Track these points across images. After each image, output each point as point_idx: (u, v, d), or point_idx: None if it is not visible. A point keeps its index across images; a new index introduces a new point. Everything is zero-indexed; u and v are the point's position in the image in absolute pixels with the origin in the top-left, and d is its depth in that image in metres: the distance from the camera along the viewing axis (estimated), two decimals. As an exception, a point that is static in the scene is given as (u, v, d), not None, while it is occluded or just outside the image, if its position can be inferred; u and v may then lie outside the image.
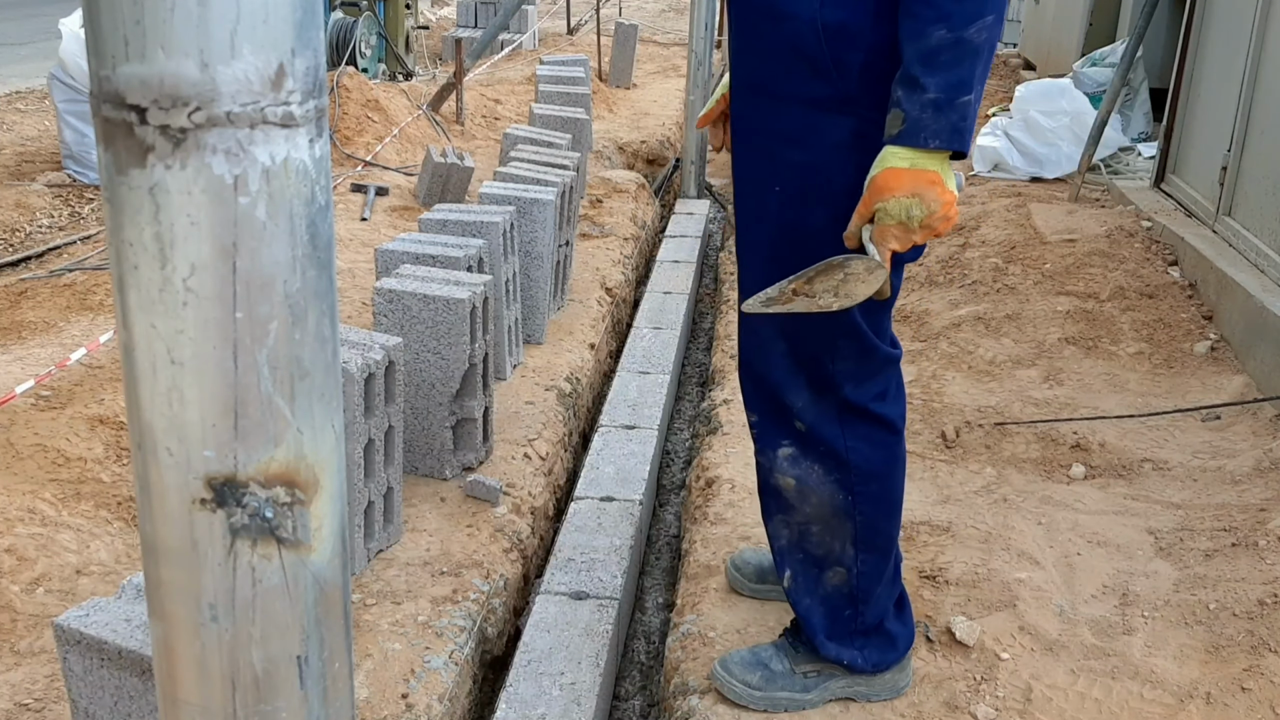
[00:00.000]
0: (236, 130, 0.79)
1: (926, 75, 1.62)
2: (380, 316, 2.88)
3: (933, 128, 1.63)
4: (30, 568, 2.40)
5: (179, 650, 0.94)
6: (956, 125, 1.63)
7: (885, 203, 1.67)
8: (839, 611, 2.06)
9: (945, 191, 1.66)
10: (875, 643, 2.09)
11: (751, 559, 2.52)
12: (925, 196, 1.65)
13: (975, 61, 1.62)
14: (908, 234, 1.69)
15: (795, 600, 2.08)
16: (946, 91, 1.62)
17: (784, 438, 2.00)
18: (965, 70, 1.62)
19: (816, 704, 2.10)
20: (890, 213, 1.67)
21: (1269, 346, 3.52)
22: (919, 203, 1.65)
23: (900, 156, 1.66)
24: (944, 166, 1.67)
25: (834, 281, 1.73)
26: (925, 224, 1.67)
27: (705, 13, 6.15)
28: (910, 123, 1.64)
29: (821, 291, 1.75)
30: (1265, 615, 2.35)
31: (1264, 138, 4.12)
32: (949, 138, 1.63)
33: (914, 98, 1.63)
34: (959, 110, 1.63)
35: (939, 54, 1.62)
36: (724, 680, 2.14)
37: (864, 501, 1.99)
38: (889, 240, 1.70)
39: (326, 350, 0.90)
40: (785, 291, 1.76)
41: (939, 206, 1.66)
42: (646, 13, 14.65)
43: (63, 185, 5.54)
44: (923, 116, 1.63)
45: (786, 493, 2.03)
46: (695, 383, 4.59)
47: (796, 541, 2.06)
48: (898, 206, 1.66)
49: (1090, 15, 7.40)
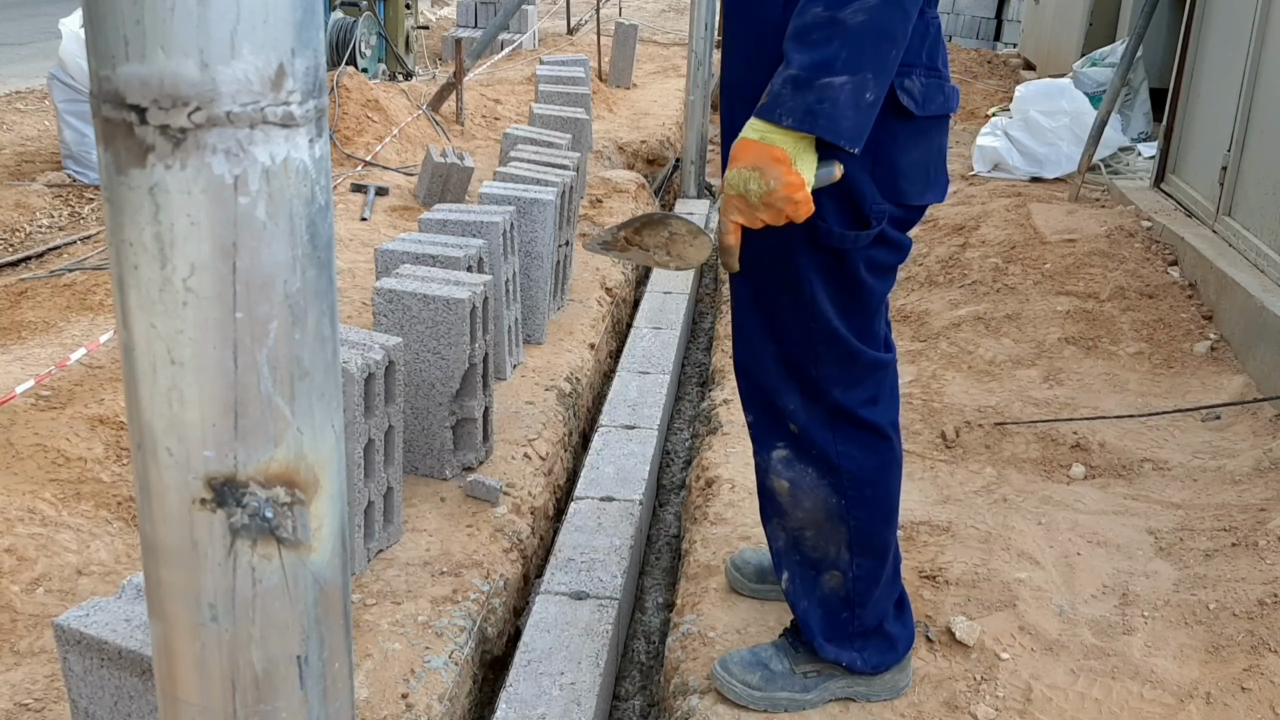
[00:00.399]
0: (236, 130, 0.79)
1: (793, 51, 1.57)
2: (380, 316, 2.88)
3: (787, 105, 1.56)
4: (30, 568, 2.40)
5: (179, 650, 0.94)
6: (811, 106, 1.55)
7: (730, 173, 1.63)
8: (836, 614, 2.05)
9: (790, 172, 1.58)
10: (874, 644, 2.09)
11: (751, 559, 2.52)
12: (766, 172, 1.58)
13: (845, 43, 1.54)
14: (749, 209, 1.63)
15: (794, 602, 2.08)
16: (808, 70, 1.55)
17: (779, 439, 1.99)
18: (832, 50, 1.54)
19: (816, 704, 2.10)
20: (731, 182, 1.63)
21: (1269, 346, 3.52)
22: (758, 177, 1.59)
23: (754, 128, 1.61)
24: (797, 147, 1.59)
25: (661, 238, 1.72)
26: (765, 201, 1.61)
27: (705, 13, 6.15)
28: (771, 97, 1.59)
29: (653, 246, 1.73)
30: (1265, 615, 2.35)
31: (1264, 138, 4.12)
32: (801, 117, 1.55)
33: (781, 72, 1.58)
34: (817, 91, 1.54)
35: (810, 32, 1.56)
36: (724, 680, 2.14)
37: (857, 506, 1.98)
38: (730, 211, 1.65)
39: (326, 350, 0.90)
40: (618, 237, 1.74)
41: (779, 186, 1.58)
42: (646, 13, 14.65)
43: (63, 185, 5.54)
44: (781, 92, 1.57)
45: (781, 495, 2.02)
46: (695, 383, 4.59)
47: (793, 544, 2.05)
48: (738, 177, 1.61)
49: (1090, 15, 7.41)
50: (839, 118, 1.55)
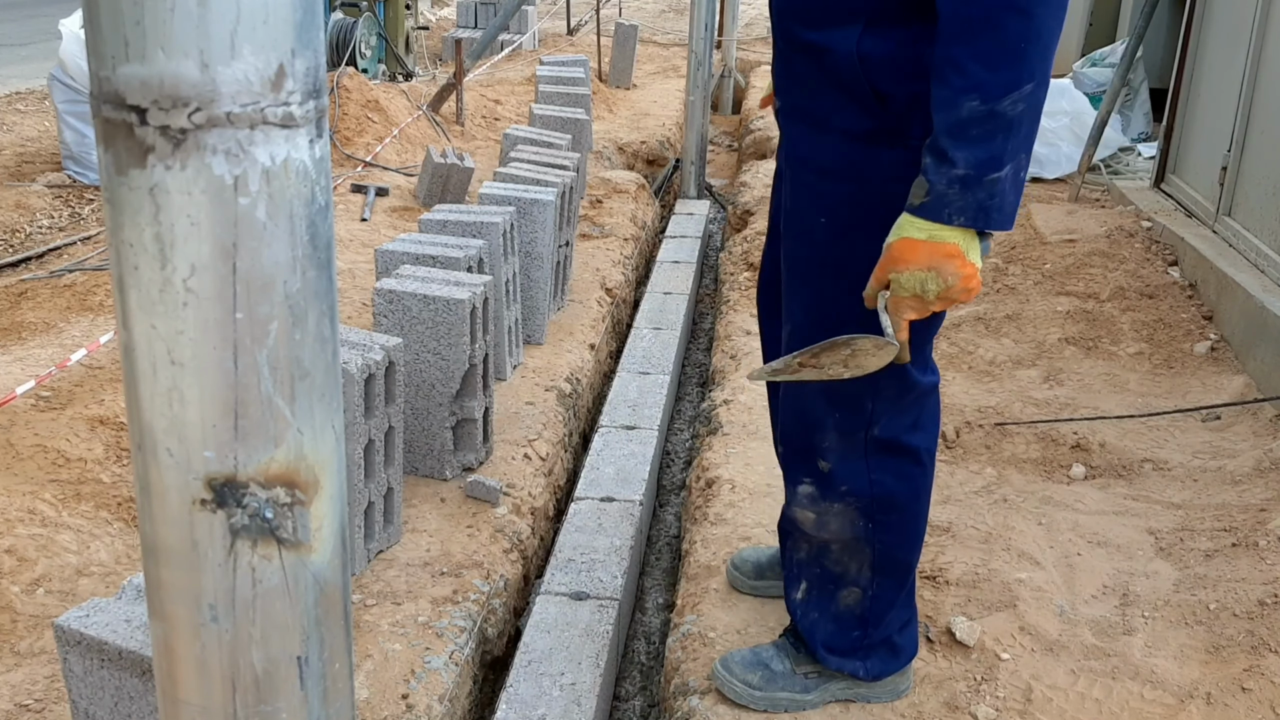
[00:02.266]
0: (236, 131, 0.79)
1: (955, 149, 1.53)
2: (380, 317, 2.88)
3: (957, 204, 1.55)
4: (30, 568, 2.40)
5: (179, 651, 0.94)
6: (984, 203, 1.54)
7: (900, 275, 1.60)
8: (848, 631, 2.05)
9: (965, 264, 1.57)
10: (879, 654, 2.09)
11: (751, 557, 2.53)
12: (942, 270, 1.57)
13: (1010, 136, 1.52)
14: (924, 305, 1.62)
15: (803, 613, 2.07)
16: (975, 168, 1.53)
17: (806, 475, 1.97)
18: (998, 146, 1.52)
19: (816, 704, 2.11)
20: (904, 285, 1.60)
21: (1269, 346, 3.52)
22: (935, 276, 1.58)
23: (918, 228, 1.58)
24: (966, 239, 1.57)
25: (841, 356, 1.68)
26: (942, 296, 1.60)
27: (705, 13, 6.15)
28: (934, 196, 1.56)
29: (829, 364, 1.70)
30: (1265, 615, 2.35)
31: (1264, 138, 4.12)
32: (974, 216, 1.55)
33: (940, 170, 1.55)
34: (987, 188, 1.53)
35: (969, 127, 1.52)
36: (724, 680, 2.14)
37: (884, 531, 1.96)
38: (904, 311, 1.64)
39: (326, 350, 0.90)
40: (791, 364, 1.72)
41: (957, 280, 1.58)
42: (646, 13, 14.65)
43: (63, 186, 5.54)
44: (948, 192, 1.55)
45: (805, 524, 2.01)
46: (695, 383, 4.59)
47: (814, 558, 2.04)
48: (912, 280, 1.59)
49: (1090, 15, 7.41)
50: (1005, 208, 1.56)
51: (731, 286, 4.76)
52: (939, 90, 1.55)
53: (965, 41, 1.52)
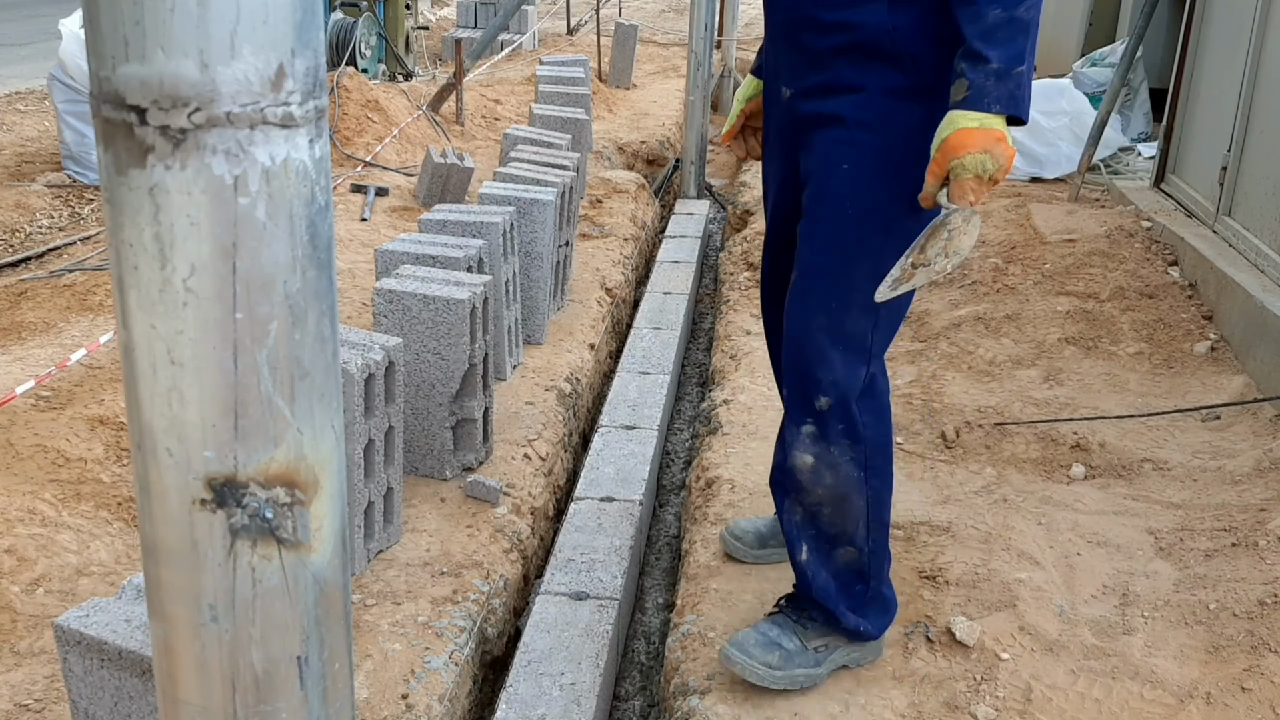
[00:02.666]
0: (236, 131, 0.79)
1: (988, 49, 1.84)
2: (380, 317, 2.88)
3: (995, 93, 1.84)
4: (30, 568, 2.40)
5: (179, 650, 0.94)
6: (1014, 93, 1.84)
7: (961, 159, 1.85)
8: (850, 586, 2.19)
9: (1009, 146, 1.87)
10: (876, 608, 2.23)
11: (748, 527, 2.62)
12: (994, 152, 1.84)
13: (1027, 36, 1.85)
14: (982, 185, 1.87)
15: (812, 574, 2.18)
16: (1006, 62, 1.84)
17: (808, 415, 2.12)
18: (1020, 44, 1.84)
19: (824, 676, 2.23)
20: (967, 167, 1.85)
21: (1269, 346, 3.52)
22: (990, 158, 1.84)
23: (969, 118, 1.85)
24: (1004, 126, 1.86)
25: (941, 242, 1.89)
26: (994, 177, 1.87)
27: (705, 13, 6.15)
28: (975, 89, 1.85)
29: (934, 256, 1.90)
30: (1265, 615, 2.35)
31: (1264, 138, 4.12)
32: (1008, 102, 1.84)
33: (977, 69, 1.85)
34: (1015, 79, 1.84)
35: (997, 30, 1.84)
36: (743, 663, 2.19)
37: (874, 476, 2.14)
38: (967, 193, 1.87)
39: (326, 350, 0.90)
40: (905, 269, 1.92)
41: (1004, 160, 1.86)
42: (646, 13, 14.65)
43: (63, 186, 5.54)
44: (986, 84, 1.84)
45: (802, 472, 2.14)
46: (695, 383, 4.59)
47: (809, 519, 2.18)
48: (974, 161, 1.85)
49: (1090, 15, 7.41)
50: (1027, 98, 1.88)
51: (731, 286, 4.76)
52: (964, 9, 1.87)
53: None
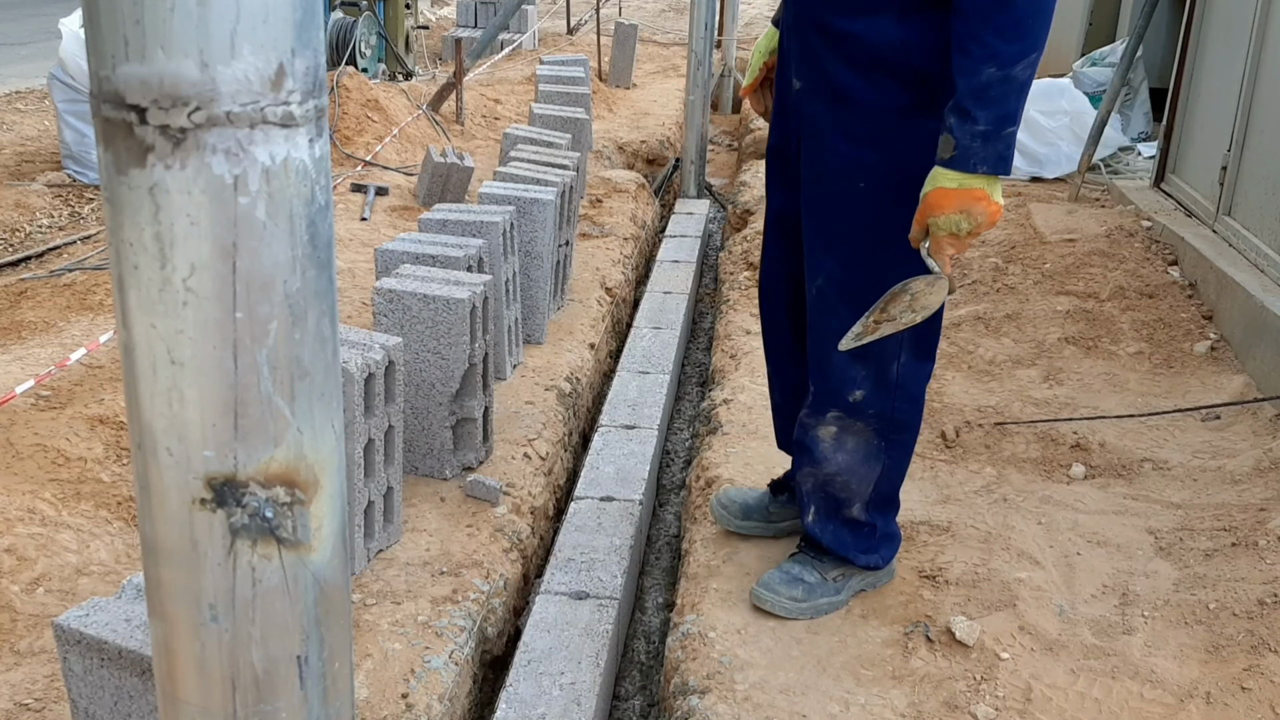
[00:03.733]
0: (236, 130, 0.79)
1: (977, 109, 1.83)
2: (380, 316, 2.88)
3: (981, 154, 1.84)
4: (30, 568, 2.40)
5: (179, 650, 0.94)
6: (1002, 153, 1.85)
7: (937, 219, 1.89)
8: (858, 532, 2.38)
9: (991, 204, 1.88)
10: (884, 544, 2.43)
11: (736, 496, 2.73)
12: (972, 211, 1.87)
13: (1021, 96, 1.83)
14: (960, 242, 1.91)
15: (820, 532, 2.37)
16: (995, 124, 1.83)
17: (836, 407, 2.24)
18: (1012, 104, 1.83)
19: (845, 602, 2.41)
20: (941, 227, 1.89)
21: (1269, 346, 3.52)
22: (966, 218, 1.87)
23: (949, 178, 1.87)
24: (990, 183, 1.88)
25: (905, 302, 1.96)
26: (972, 234, 1.90)
27: (705, 13, 6.15)
28: (961, 150, 1.85)
29: (899, 313, 1.97)
30: (1265, 615, 2.35)
31: (1264, 138, 4.12)
32: (995, 164, 1.85)
33: (965, 127, 1.84)
34: (1004, 140, 1.84)
35: (989, 89, 1.82)
36: (771, 600, 2.38)
37: (894, 448, 2.28)
38: (944, 249, 1.92)
39: (326, 350, 0.90)
40: (868, 324, 1.99)
41: (984, 218, 1.88)
42: (646, 13, 14.65)
43: (63, 185, 5.54)
44: (972, 145, 1.84)
45: (824, 442, 2.27)
46: (695, 383, 4.59)
47: (819, 487, 2.34)
48: (948, 222, 1.88)
49: (1090, 15, 7.40)
50: (1012, 156, 1.89)
51: (731, 286, 4.76)
52: (961, 60, 1.85)
53: (984, 19, 1.82)
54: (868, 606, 2.44)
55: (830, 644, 2.32)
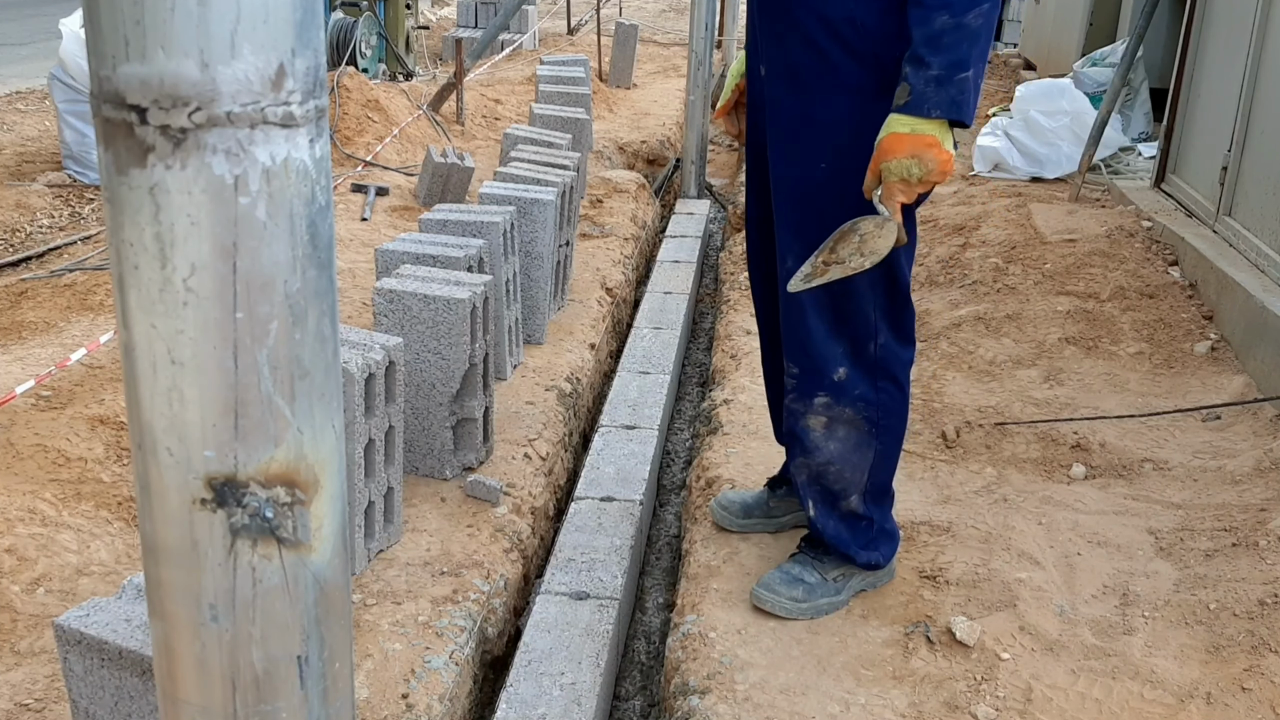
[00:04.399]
0: (237, 130, 0.79)
1: (931, 55, 1.89)
2: (380, 316, 2.88)
3: (934, 99, 1.89)
4: (30, 568, 2.40)
5: (179, 650, 0.94)
6: (955, 98, 1.89)
7: (889, 163, 1.93)
8: (857, 527, 2.39)
9: (942, 152, 1.92)
10: (884, 540, 2.44)
11: (735, 498, 2.76)
12: (923, 157, 1.91)
13: (974, 44, 1.88)
14: (910, 188, 1.95)
15: (822, 526, 2.38)
16: (947, 69, 1.88)
17: (821, 389, 2.26)
18: (964, 51, 1.88)
19: (845, 602, 2.43)
20: (893, 171, 1.93)
21: (1269, 346, 3.51)
22: (918, 163, 1.91)
23: (902, 123, 1.92)
24: (942, 130, 1.92)
25: (854, 244, 1.98)
26: (923, 180, 1.93)
27: (705, 13, 6.15)
28: (915, 95, 1.90)
29: (848, 255, 1.99)
30: (1265, 615, 2.34)
31: (1264, 138, 4.12)
32: (948, 108, 1.90)
33: (919, 74, 1.90)
34: (957, 85, 1.89)
35: (942, 37, 1.88)
36: (771, 600, 2.40)
37: (884, 433, 2.31)
38: (895, 195, 1.96)
39: (327, 350, 0.90)
40: (817, 265, 2.00)
41: (935, 165, 1.92)
42: (646, 13, 14.65)
43: (63, 185, 5.54)
44: (926, 90, 1.89)
45: (815, 431, 2.29)
46: (695, 383, 4.59)
47: (815, 478, 2.35)
48: (899, 167, 1.92)
49: (1090, 15, 7.40)
50: (970, 104, 1.92)
51: (732, 286, 4.76)
52: (915, 11, 1.91)
53: None
54: (868, 606, 2.44)
55: (830, 644, 2.32)
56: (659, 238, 5.85)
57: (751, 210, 2.44)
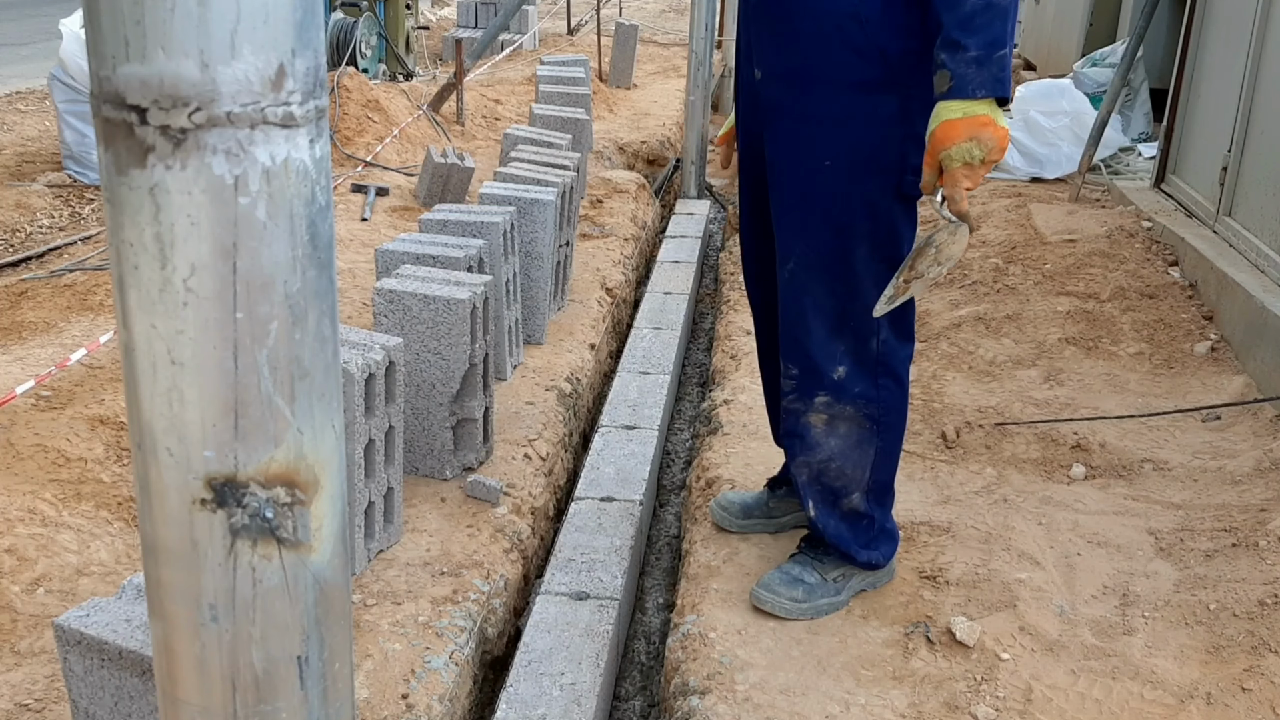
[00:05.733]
0: (237, 130, 0.79)
1: (966, 37, 1.88)
2: (380, 317, 2.88)
3: (977, 80, 1.89)
4: (30, 568, 2.40)
5: (179, 650, 0.94)
6: (997, 75, 1.89)
7: (949, 150, 1.91)
8: (858, 526, 2.39)
9: (998, 129, 1.91)
10: (884, 540, 2.44)
11: (735, 499, 2.76)
12: (981, 137, 1.90)
13: (1005, 20, 1.88)
14: (974, 171, 1.93)
15: (823, 525, 2.38)
16: (985, 49, 1.88)
17: (821, 389, 2.27)
18: (998, 29, 1.88)
19: (846, 602, 2.43)
20: (954, 158, 1.92)
21: (1269, 347, 3.51)
22: (977, 144, 1.90)
23: (952, 109, 1.91)
24: (992, 109, 1.91)
25: (930, 256, 1.99)
26: (985, 160, 1.92)
27: (705, 13, 6.15)
28: (958, 79, 1.89)
29: (926, 268, 2.00)
30: (1265, 615, 2.34)
31: (1264, 138, 4.12)
32: (993, 86, 1.89)
33: (957, 57, 1.89)
34: (997, 63, 1.89)
35: (974, 18, 1.87)
36: (771, 600, 2.40)
37: (886, 430, 2.31)
38: (960, 181, 1.94)
39: (327, 350, 0.90)
40: (899, 285, 2.01)
41: (994, 142, 1.91)
42: (646, 13, 14.65)
43: (63, 185, 5.54)
44: (968, 73, 1.89)
45: (816, 429, 2.30)
46: (695, 383, 4.59)
47: (815, 477, 2.36)
48: (960, 152, 1.91)
49: (1090, 15, 7.41)
50: (1009, 80, 1.93)
51: (732, 286, 4.76)
52: None
53: None
54: (868, 607, 2.44)
55: (830, 644, 2.32)
56: (659, 238, 5.85)
57: (745, 217, 2.44)
